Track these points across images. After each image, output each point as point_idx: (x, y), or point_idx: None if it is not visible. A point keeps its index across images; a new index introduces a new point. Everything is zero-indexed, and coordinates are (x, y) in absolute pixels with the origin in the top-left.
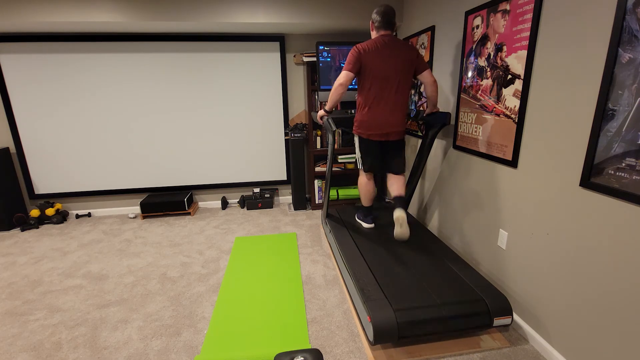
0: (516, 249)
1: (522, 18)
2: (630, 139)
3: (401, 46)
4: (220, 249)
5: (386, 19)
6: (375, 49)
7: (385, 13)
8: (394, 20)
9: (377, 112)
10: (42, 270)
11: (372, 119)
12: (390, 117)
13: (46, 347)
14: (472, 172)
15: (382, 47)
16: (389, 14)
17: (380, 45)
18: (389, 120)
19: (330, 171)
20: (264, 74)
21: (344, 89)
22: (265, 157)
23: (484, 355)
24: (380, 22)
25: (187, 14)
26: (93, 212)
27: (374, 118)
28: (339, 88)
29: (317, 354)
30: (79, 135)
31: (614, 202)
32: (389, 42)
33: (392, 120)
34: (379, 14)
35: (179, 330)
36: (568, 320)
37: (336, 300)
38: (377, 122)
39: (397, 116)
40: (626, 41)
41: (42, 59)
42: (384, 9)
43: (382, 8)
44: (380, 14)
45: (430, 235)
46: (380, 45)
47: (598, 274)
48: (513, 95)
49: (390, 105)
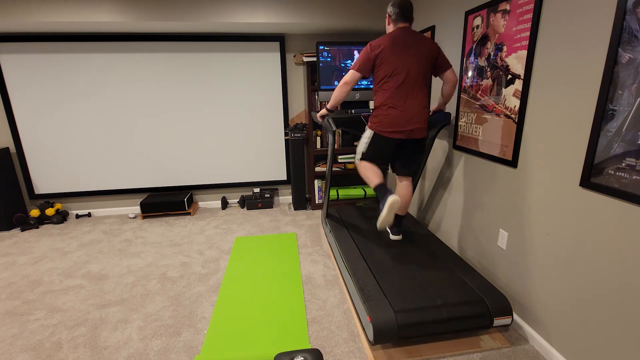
0: (516, 249)
1: (522, 18)
2: (630, 139)
3: (421, 40)
4: (220, 249)
5: (403, 10)
6: (393, 43)
7: (403, 4)
8: (412, 12)
9: (401, 108)
10: (42, 270)
11: (398, 115)
12: (415, 113)
13: (46, 347)
14: (472, 172)
15: (399, 41)
16: (406, 5)
17: (397, 39)
18: (414, 116)
19: (330, 171)
20: (264, 74)
21: (349, 88)
22: (265, 157)
23: (484, 355)
24: (398, 13)
25: (187, 14)
26: (93, 212)
27: (398, 115)
28: (343, 87)
29: (317, 354)
30: (79, 135)
31: (614, 202)
32: (408, 35)
33: (417, 117)
34: (396, 6)
35: (179, 330)
36: (568, 320)
37: (336, 300)
38: (402, 119)
39: (421, 112)
40: (626, 41)
41: (42, 59)
42: (400, 1)
43: (399, 0)
44: (396, 6)
45: (430, 235)
46: (397, 39)
47: (598, 274)
48: (513, 95)
49: (413, 101)
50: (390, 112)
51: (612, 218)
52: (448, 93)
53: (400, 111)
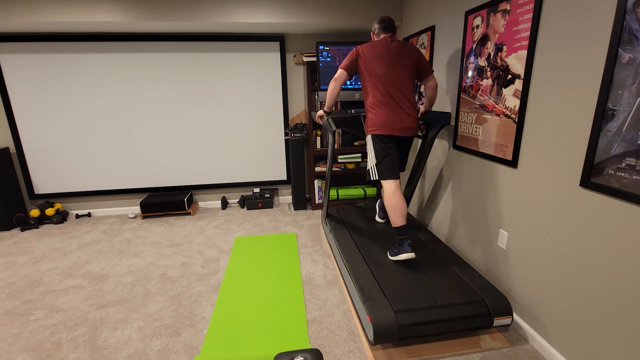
0: (516, 249)
1: (522, 18)
2: (630, 139)
3: (403, 47)
4: (220, 249)
5: (385, 24)
6: (376, 50)
7: (384, 19)
8: (393, 25)
9: (390, 109)
10: (42, 270)
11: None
12: (404, 112)
13: (46, 347)
14: (472, 172)
15: (382, 48)
16: (387, 20)
17: (380, 46)
18: (403, 115)
19: (330, 171)
20: (264, 74)
21: (338, 85)
22: (265, 157)
23: (484, 355)
24: (380, 27)
25: (187, 14)
26: (93, 212)
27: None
28: (332, 84)
29: (317, 354)
30: (79, 135)
31: (614, 202)
32: (390, 43)
33: (407, 118)
34: (378, 22)
35: (179, 330)
36: (568, 320)
37: (336, 300)
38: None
39: (410, 111)
40: (626, 41)
41: (42, 59)
42: (382, 17)
43: (381, 17)
44: (378, 22)
45: (430, 235)
46: (380, 46)
47: (598, 274)
48: (513, 95)
49: (401, 103)
50: (381, 113)
51: (612, 218)
52: (432, 96)
53: (390, 111)
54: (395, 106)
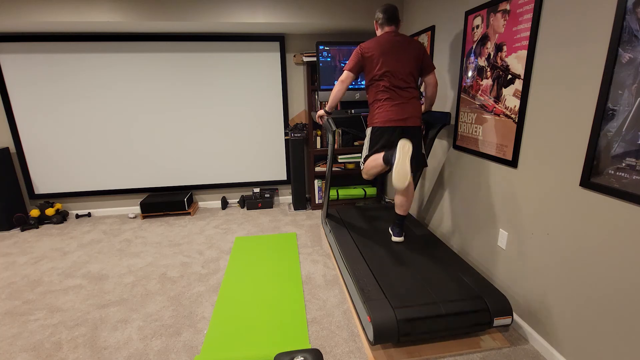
0: (516, 249)
1: (522, 18)
2: (630, 139)
3: (407, 42)
4: (220, 249)
5: (389, 15)
6: (380, 46)
7: (388, 9)
8: (397, 15)
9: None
10: (42, 270)
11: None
12: (407, 105)
13: (46, 347)
14: (472, 172)
15: (386, 44)
16: (392, 10)
17: (384, 41)
18: (406, 108)
19: (330, 171)
20: (264, 74)
21: (343, 86)
22: (265, 157)
23: (484, 355)
24: (384, 18)
25: (187, 14)
26: (93, 212)
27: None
28: (338, 85)
29: (317, 354)
30: (79, 135)
31: (614, 202)
32: (394, 38)
33: (410, 108)
34: (382, 11)
35: (178, 330)
36: (568, 320)
37: (336, 300)
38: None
39: (413, 104)
40: (626, 41)
41: (42, 59)
42: (386, 7)
43: (385, 6)
44: (383, 11)
45: (430, 235)
46: (384, 41)
47: (598, 274)
48: (513, 95)
49: (403, 99)
50: (384, 107)
51: (612, 218)
52: (432, 94)
53: (393, 105)
54: (399, 100)
